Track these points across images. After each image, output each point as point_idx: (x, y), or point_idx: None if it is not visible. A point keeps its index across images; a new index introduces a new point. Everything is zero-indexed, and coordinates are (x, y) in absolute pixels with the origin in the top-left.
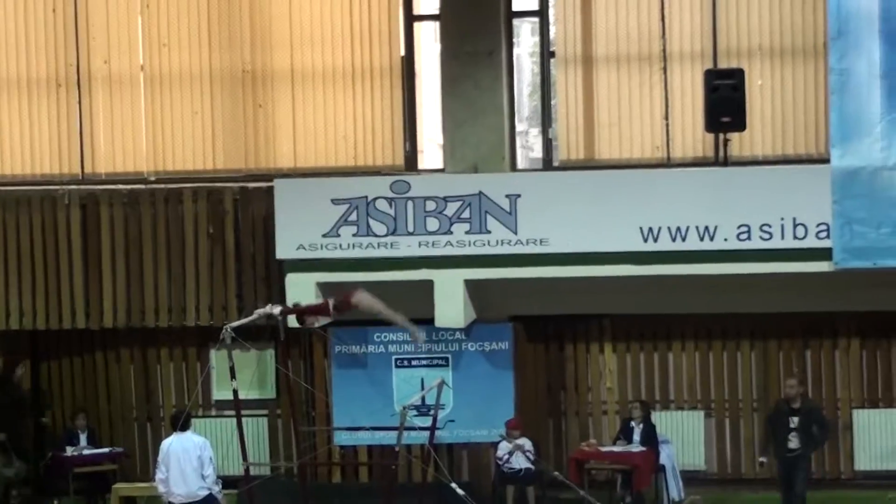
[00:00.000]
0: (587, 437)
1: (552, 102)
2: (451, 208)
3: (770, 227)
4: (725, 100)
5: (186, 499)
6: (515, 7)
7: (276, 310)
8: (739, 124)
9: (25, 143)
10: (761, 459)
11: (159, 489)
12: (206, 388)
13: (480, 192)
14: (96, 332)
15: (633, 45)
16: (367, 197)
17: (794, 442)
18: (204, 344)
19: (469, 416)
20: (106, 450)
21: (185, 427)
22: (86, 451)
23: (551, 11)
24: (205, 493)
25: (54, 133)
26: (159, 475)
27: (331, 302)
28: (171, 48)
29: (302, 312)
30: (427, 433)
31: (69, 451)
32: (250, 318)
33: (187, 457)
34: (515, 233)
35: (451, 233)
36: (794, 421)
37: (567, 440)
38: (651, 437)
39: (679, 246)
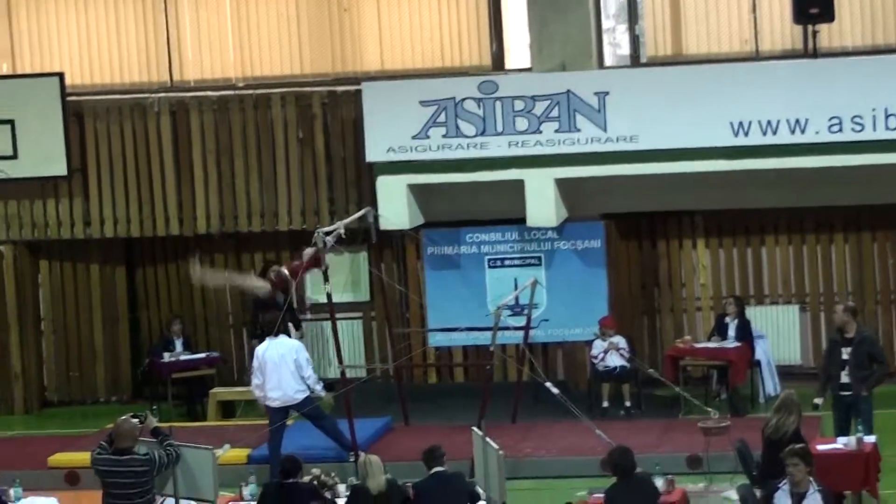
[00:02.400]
0: (682, 334)
1: None
2: (539, 107)
3: (861, 118)
4: None
5: (283, 403)
6: None
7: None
8: (828, 15)
9: (114, 52)
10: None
11: (255, 394)
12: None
13: (569, 91)
14: (190, 238)
15: None
16: (455, 98)
17: (847, 377)
18: (297, 248)
19: (563, 314)
20: (202, 355)
21: (277, 332)
22: (182, 357)
23: None
24: (302, 396)
25: (142, 42)
26: (255, 381)
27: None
28: None
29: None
30: (521, 333)
31: (166, 357)
32: (339, 225)
33: (283, 361)
34: (605, 130)
35: (541, 132)
36: (847, 352)
37: (661, 337)
38: (746, 333)
39: (770, 140)
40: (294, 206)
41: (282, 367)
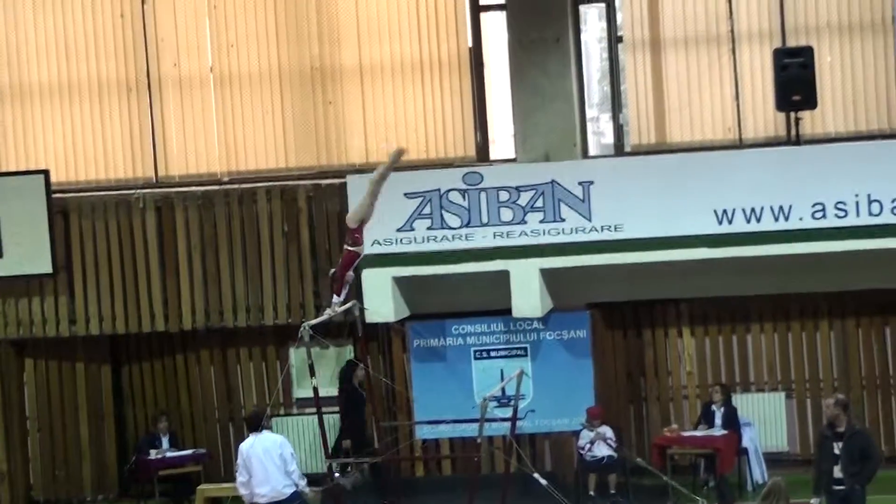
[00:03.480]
0: (668, 423)
1: (622, 87)
2: (524, 198)
3: (845, 204)
4: (795, 78)
5: (271, 499)
6: None
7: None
8: (810, 102)
9: (98, 148)
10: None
11: (241, 492)
12: (286, 387)
13: (553, 181)
14: (175, 334)
15: (701, 27)
16: (439, 189)
17: (839, 473)
18: (283, 342)
19: (549, 405)
20: (189, 452)
21: (262, 427)
22: (169, 454)
23: None
24: (290, 490)
25: (126, 137)
26: (240, 478)
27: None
28: (240, 48)
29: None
30: (508, 424)
31: (152, 454)
32: (326, 316)
33: (269, 456)
34: (589, 220)
35: (526, 222)
36: (838, 447)
37: (648, 426)
38: (732, 420)
39: (754, 227)
40: (280, 300)
41: (267, 462)
